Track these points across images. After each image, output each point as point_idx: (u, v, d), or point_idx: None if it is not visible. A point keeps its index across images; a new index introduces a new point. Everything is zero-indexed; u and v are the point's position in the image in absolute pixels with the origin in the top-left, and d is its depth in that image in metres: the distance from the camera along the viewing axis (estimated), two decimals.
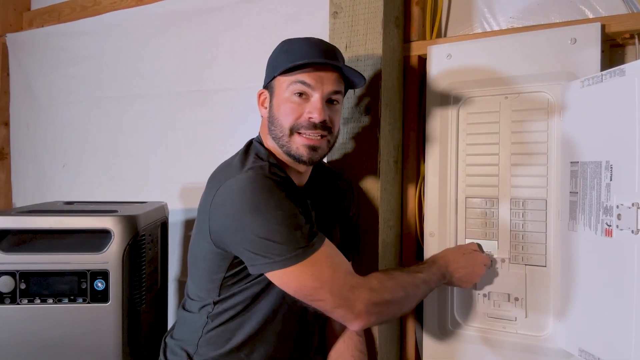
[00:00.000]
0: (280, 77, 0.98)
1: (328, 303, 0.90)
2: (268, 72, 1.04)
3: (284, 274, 0.89)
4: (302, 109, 0.97)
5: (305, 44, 1.00)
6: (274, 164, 0.99)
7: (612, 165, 0.97)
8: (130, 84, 1.97)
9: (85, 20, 2.07)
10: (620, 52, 1.18)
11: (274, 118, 1.00)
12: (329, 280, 0.89)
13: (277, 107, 0.99)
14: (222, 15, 1.75)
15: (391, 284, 0.95)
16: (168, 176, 1.87)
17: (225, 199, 0.91)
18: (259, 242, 0.88)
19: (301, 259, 0.88)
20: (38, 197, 2.17)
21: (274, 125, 1.00)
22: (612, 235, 0.97)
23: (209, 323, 1.01)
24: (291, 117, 0.97)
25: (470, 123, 1.25)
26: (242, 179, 0.90)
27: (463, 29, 1.39)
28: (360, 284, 0.91)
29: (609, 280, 0.98)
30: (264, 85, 1.05)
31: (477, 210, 1.24)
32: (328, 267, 0.90)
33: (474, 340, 1.24)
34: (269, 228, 0.87)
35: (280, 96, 0.99)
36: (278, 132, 0.99)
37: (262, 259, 0.89)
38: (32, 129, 2.25)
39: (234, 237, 0.91)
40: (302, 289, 0.90)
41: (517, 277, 1.18)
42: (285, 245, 0.87)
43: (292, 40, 1.03)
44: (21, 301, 1.18)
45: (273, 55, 1.04)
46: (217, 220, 0.93)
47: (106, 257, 1.20)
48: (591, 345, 1.03)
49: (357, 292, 0.90)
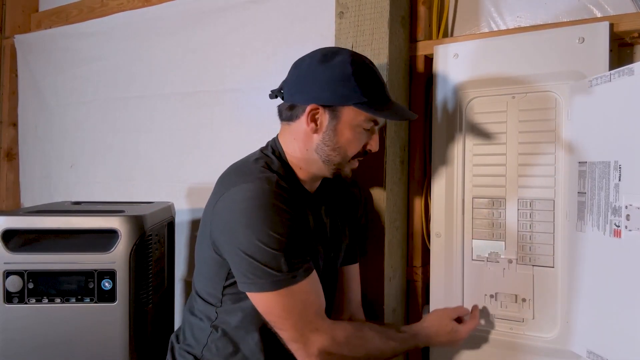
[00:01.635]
0: (357, 109, 0.96)
1: (288, 334, 0.90)
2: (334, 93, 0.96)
3: (257, 296, 0.90)
4: (365, 139, 1.01)
5: (377, 77, 1.00)
6: (282, 176, 0.97)
7: (621, 166, 0.96)
8: (137, 84, 1.97)
9: (92, 21, 2.08)
10: (628, 52, 1.18)
11: (335, 144, 0.98)
12: (297, 315, 0.89)
13: (342, 134, 0.98)
14: (228, 15, 1.75)
15: (356, 342, 0.94)
16: (175, 176, 1.88)
17: (226, 207, 0.91)
18: (243, 258, 0.88)
19: (277, 287, 0.87)
20: (46, 197, 2.19)
21: (332, 150, 0.99)
22: (620, 236, 0.96)
23: (213, 332, 1.01)
24: (356, 148, 1.00)
25: (477, 123, 1.24)
26: (245, 189, 0.90)
27: (470, 29, 1.38)
28: (325, 329, 0.91)
29: (618, 281, 0.97)
30: (321, 102, 0.97)
31: (484, 211, 1.23)
32: (301, 303, 0.89)
33: (481, 341, 1.23)
34: (255, 246, 0.87)
35: (348, 124, 0.97)
36: (337, 158, 0.99)
37: (243, 277, 0.90)
38: (40, 130, 2.27)
39: (226, 247, 0.92)
40: (268, 314, 0.91)
41: (525, 278, 1.18)
42: (267, 267, 0.87)
43: (362, 65, 0.98)
44: (29, 301, 1.19)
45: (341, 77, 0.95)
46: (217, 227, 0.94)
47: (113, 256, 1.20)
48: (599, 347, 1.02)
49: (318, 337, 0.90)
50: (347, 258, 1.18)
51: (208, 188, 1.01)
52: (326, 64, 0.97)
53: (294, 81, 1.01)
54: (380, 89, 1.00)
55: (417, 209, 1.38)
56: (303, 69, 1.00)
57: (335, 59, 0.97)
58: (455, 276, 1.26)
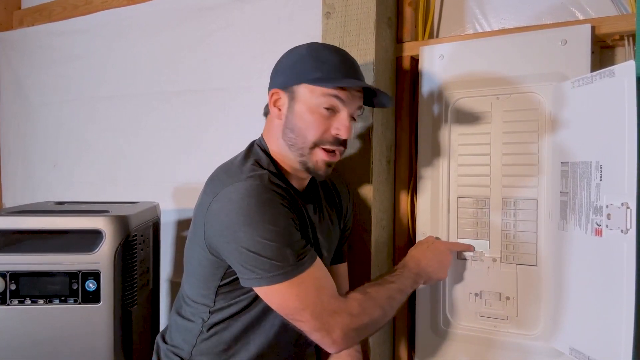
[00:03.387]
0: (310, 85, 0.94)
1: (308, 325, 0.89)
2: (289, 75, 0.98)
3: (269, 290, 0.89)
4: (328, 123, 0.95)
5: (336, 56, 0.97)
6: (274, 172, 0.97)
7: (602, 166, 0.98)
8: (122, 83, 1.95)
9: (76, 19, 2.05)
10: (610, 54, 1.20)
11: (295, 126, 0.96)
12: (312, 303, 0.88)
13: (300, 115, 0.95)
14: (215, 14, 1.74)
15: (370, 304, 0.94)
16: (160, 176, 1.86)
17: (221, 208, 0.90)
18: (248, 255, 0.87)
19: (288, 277, 0.87)
20: (28, 197, 2.15)
21: (293, 133, 0.96)
22: (602, 235, 0.98)
23: (204, 332, 1.00)
24: (318, 131, 0.95)
25: (462, 123, 1.26)
26: (240, 188, 0.89)
27: (455, 30, 1.39)
28: (342, 308, 0.90)
29: (599, 279, 0.99)
30: (279, 86, 0.99)
31: (469, 210, 1.24)
32: (313, 289, 0.89)
33: (466, 339, 1.24)
34: (259, 242, 0.86)
35: (306, 104, 0.95)
36: (299, 142, 0.96)
37: (250, 273, 0.88)
38: (23, 129, 2.23)
39: (226, 247, 0.91)
40: (284, 308, 0.90)
41: (509, 276, 1.19)
42: (274, 261, 0.86)
43: (320, 46, 1.00)
44: (11, 302, 1.17)
45: (295, 58, 0.98)
46: (212, 228, 0.92)
47: (98, 257, 1.19)
48: (582, 344, 1.04)
49: (338, 318, 0.88)
50: (336, 257, 1.18)
51: (194, 188, 1.00)
52: (291, 52, 1.01)
53: (270, 76, 1.04)
54: (337, 66, 0.96)
55: (404, 208, 1.39)
56: (276, 63, 1.04)
57: (298, 47, 1.00)
58: None
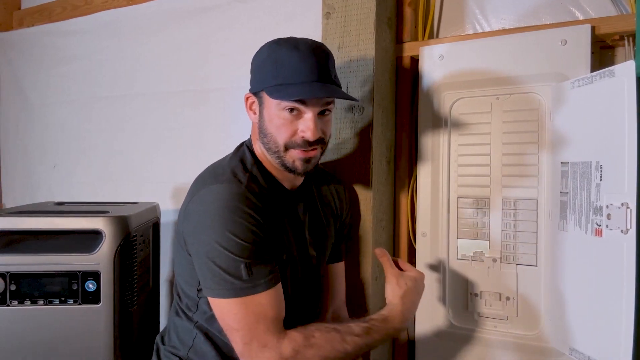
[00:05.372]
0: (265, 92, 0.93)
1: (236, 347, 0.88)
2: (255, 80, 0.98)
3: (212, 300, 0.89)
4: (295, 125, 0.92)
5: (295, 57, 0.91)
6: (255, 176, 0.96)
7: (602, 166, 0.98)
8: (121, 83, 1.95)
9: (76, 19, 2.05)
10: (610, 54, 1.20)
11: (266, 130, 0.95)
12: (246, 328, 0.85)
13: (269, 120, 0.94)
14: (214, 14, 1.74)
15: (307, 353, 0.86)
16: (160, 176, 1.86)
17: (195, 208, 0.91)
18: (204, 260, 0.87)
19: (232, 295, 0.85)
20: (28, 198, 2.15)
21: (266, 138, 0.95)
22: (602, 235, 0.98)
23: (199, 335, 1.00)
24: (284, 135, 0.93)
25: (462, 123, 1.26)
26: (213, 191, 0.89)
27: (455, 30, 1.39)
28: (273, 346, 0.85)
29: (599, 279, 0.99)
30: (251, 91, 0.99)
31: (469, 210, 1.24)
32: (253, 315, 0.85)
33: (466, 339, 1.24)
34: (216, 249, 0.85)
35: (270, 109, 0.93)
36: (272, 146, 0.95)
37: (203, 281, 0.89)
38: (23, 129, 2.23)
39: (192, 249, 0.92)
40: (221, 321, 0.90)
41: (508, 276, 1.19)
42: (225, 273, 0.85)
43: (281, 47, 0.94)
44: (11, 303, 1.17)
45: (260, 61, 0.97)
46: (187, 228, 0.93)
47: (97, 258, 1.19)
48: (582, 344, 1.04)
49: (266, 353, 0.84)
50: (332, 256, 1.18)
51: None
52: (257, 53, 1.00)
53: None
54: (295, 69, 0.90)
55: (403, 208, 1.39)
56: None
57: (262, 48, 0.99)
58: (441, 275, 1.27)
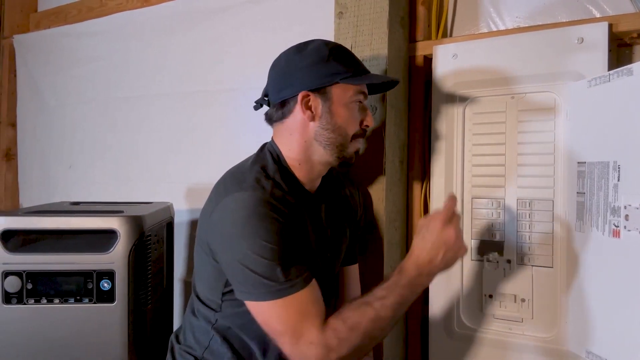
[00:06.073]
0: (342, 84, 0.98)
1: (285, 350, 0.87)
2: (317, 76, 0.97)
3: (254, 306, 0.89)
4: (359, 115, 1.02)
5: (350, 52, 1.04)
6: (278, 183, 0.96)
7: (620, 166, 0.96)
8: (136, 84, 1.97)
9: (91, 21, 2.08)
10: (627, 52, 1.18)
11: (334, 125, 0.98)
12: (292, 328, 0.85)
13: (337, 113, 0.98)
14: (227, 16, 1.75)
15: (349, 335, 0.86)
16: (174, 177, 1.87)
17: (221, 218, 0.91)
18: (239, 268, 0.87)
19: (273, 297, 0.86)
20: (45, 198, 2.18)
21: (334, 133, 0.98)
22: (619, 236, 0.96)
23: (215, 336, 1.00)
24: (355, 125, 1.01)
25: (476, 123, 1.24)
26: (238, 199, 0.89)
27: (469, 29, 1.38)
28: (319, 341, 0.85)
29: (617, 281, 0.97)
30: (308, 88, 0.97)
31: (483, 211, 1.23)
32: (297, 314, 0.86)
33: (480, 341, 1.23)
34: (250, 257, 0.86)
35: (341, 102, 0.98)
36: (339, 139, 0.99)
37: (240, 286, 0.89)
38: (39, 130, 2.26)
39: (222, 257, 0.92)
40: (266, 326, 0.89)
41: (524, 278, 1.18)
42: (263, 278, 0.85)
43: (334, 47, 1.02)
44: (28, 301, 1.19)
45: (318, 59, 0.98)
46: (213, 237, 0.93)
47: (112, 257, 1.20)
48: (598, 347, 1.02)
49: (314, 350, 0.85)
50: (347, 258, 1.18)
51: (207, 188, 1.01)
52: (303, 52, 1.00)
53: (277, 79, 1.02)
54: (358, 63, 1.03)
55: (417, 209, 1.38)
56: (282, 65, 1.02)
57: (309, 47, 1.01)
58: (455, 276, 1.26)
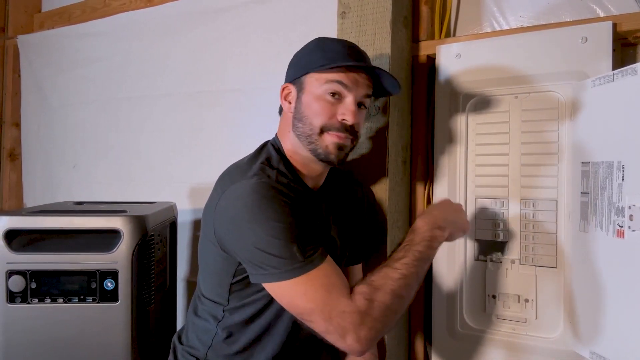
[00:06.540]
0: (314, 74, 0.96)
1: (319, 327, 0.85)
2: (297, 68, 1.01)
3: (277, 287, 0.87)
4: (335, 109, 0.96)
5: (341, 44, 1.01)
6: (283, 172, 0.97)
7: (624, 166, 0.96)
8: (139, 84, 1.98)
9: (95, 21, 2.08)
10: (632, 51, 1.17)
11: (302, 115, 0.97)
12: (322, 303, 0.84)
13: (307, 104, 0.97)
14: (230, 16, 1.75)
15: (377, 295, 0.85)
16: (177, 176, 1.88)
17: (228, 205, 0.90)
18: (255, 252, 0.86)
19: (295, 274, 0.85)
20: (48, 198, 2.19)
21: (301, 122, 0.97)
22: (623, 237, 0.96)
23: (219, 334, 1.00)
24: (323, 117, 0.95)
25: (479, 123, 1.24)
26: (246, 185, 0.89)
27: (472, 29, 1.38)
28: (350, 307, 0.83)
29: (621, 281, 0.97)
30: (290, 80, 1.02)
31: (487, 211, 1.23)
32: (322, 288, 0.85)
33: (484, 342, 1.23)
34: (265, 239, 0.85)
35: (312, 93, 0.96)
36: (307, 130, 0.96)
37: (258, 269, 0.88)
38: (43, 130, 2.27)
39: (235, 244, 0.91)
40: (294, 307, 0.87)
41: (527, 278, 1.17)
42: (281, 258, 0.85)
43: (326, 39, 1.03)
44: (32, 300, 1.19)
45: (304, 52, 1.02)
46: (221, 225, 0.93)
47: (116, 257, 1.20)
48: (602, 348, 1.02)
49: (348, 318, 0.82)
50: (351, 258, 1.18)
51: (210, 188, 1.01)
52: (300, 49, 1.04)
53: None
54: (340, 52, 0.97)
55: (420, 209, 1.38)
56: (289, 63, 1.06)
57: (308, 43, 1.03)
58: (458, 276, 1.26)
